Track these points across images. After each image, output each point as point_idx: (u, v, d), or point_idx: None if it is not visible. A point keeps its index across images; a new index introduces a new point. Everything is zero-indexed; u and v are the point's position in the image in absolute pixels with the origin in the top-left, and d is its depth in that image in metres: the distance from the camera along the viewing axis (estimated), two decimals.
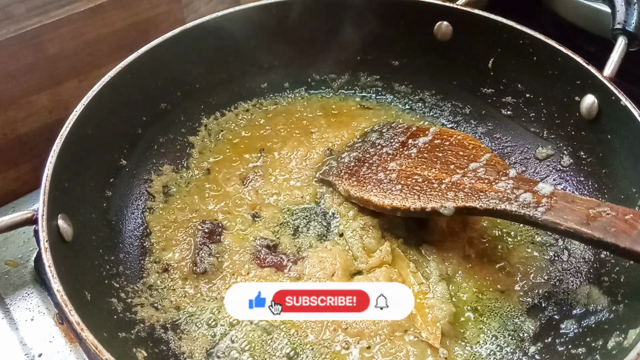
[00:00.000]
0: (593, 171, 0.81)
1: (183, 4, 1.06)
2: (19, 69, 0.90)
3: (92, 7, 0.93)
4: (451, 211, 0.71)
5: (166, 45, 0.86)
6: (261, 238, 0.79)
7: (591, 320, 0.68)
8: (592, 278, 0.73)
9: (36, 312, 0.79)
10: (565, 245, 0.78)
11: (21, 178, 0.97)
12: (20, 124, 0.94)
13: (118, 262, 0.76)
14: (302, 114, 0.98)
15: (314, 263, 0.75)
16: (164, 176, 0.88)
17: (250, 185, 0.87)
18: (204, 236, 0.79)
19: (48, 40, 0.91)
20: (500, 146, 0.92)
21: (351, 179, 0.83)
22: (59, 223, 0.66)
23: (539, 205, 0.65)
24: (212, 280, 0.76)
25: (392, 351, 0.68)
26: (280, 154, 0.91)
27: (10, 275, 0.83)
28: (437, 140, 0.84)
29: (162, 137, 0.91)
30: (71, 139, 0.72)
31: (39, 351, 0.75)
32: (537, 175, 0.87)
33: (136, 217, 0.83)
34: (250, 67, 0.98)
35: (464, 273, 0.76)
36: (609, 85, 0.75)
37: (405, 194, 0.76)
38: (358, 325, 0.69)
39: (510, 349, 0.70)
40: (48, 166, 0.68)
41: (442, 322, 0.70)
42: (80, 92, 0.79)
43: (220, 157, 0.92)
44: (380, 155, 0.85)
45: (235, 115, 0.97)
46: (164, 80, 0.89)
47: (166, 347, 0.70)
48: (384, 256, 0.75)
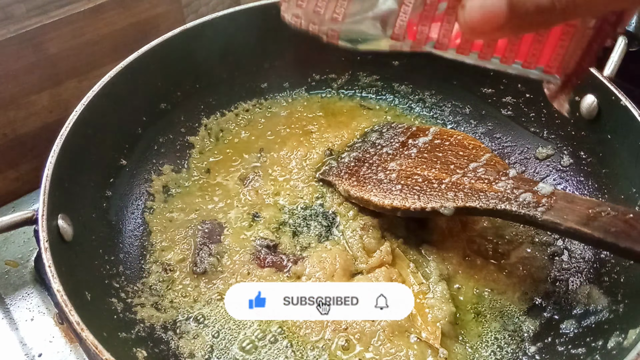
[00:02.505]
0: (593, 171, 0.81)
1: (183, 4, 1.06)
2: (19, 69, 0.90)
3: (92, 7, 0.93)
4: (451, 211, 0.71)
5: (166, 45, 0.86)
6: (261, 238, 0.79)
7: (591, 320, 0.68)
8: (592, 278, 0.73)
9: (36, 312, 0.79)
10: (565, 245, 0.78)
11: (21, 178, 0.97)
12: (20, 124, 0.94)
13: (118, 262, 0.76)
14: (302, 114, 0.98)
15: (314, 263, 0.75)
16: (164, 176, 0.88)
17: (250, 185, 0.87)
18: (204, 236, 0.79)
19: (48, 40, 0.91)
20: (500, 146, 0.92)
21: (351, 179, 0.83)
22: (59, 223, 0.66)
23: (539, 205, 0.65)
24: (212, 280, 0.76)
25: (392, 351, 0.68)
26: (280, 154, 0.91)
27: (10, 275, 0.83)
28: (437, 140, 0.84)
29: (162, 137, 0.91)
30: (71, 139, 0.72)
31: (39, 351, 0.75)
32: (537, 175, 0.87)
33: (136, 217, 0.83)
34: (250, 67, 0.98)
35: (464, 273, 0.76)
36: (609, 85, 0.75)
37: (405, 194, 0.76)
38: (358, 325, 0.69)
39: (510, 349, 0.70)
40: (48, 166, 0.68)
41: (442, 322, 0.70)
42: (80, 92, 0.79)
43: (220, 157, 0.92)
44: (380, 155, 0.85)
45: (235, 115, 0.97)
46: (164, 80, 0.89)
47: (166, 347, 0.70)
48: (384, 256, 0.75)
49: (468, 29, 0.44)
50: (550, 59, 0.49)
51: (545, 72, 0.50)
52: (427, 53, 0.52)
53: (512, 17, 0.41)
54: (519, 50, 0.49)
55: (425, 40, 0.51)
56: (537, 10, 0.40)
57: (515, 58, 0.50)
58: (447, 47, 0.50)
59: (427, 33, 0.50)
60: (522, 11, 0.41)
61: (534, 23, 0.43)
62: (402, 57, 0.98)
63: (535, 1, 0.40)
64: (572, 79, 0.50)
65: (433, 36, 0.50)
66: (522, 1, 0.40)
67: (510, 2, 0.40)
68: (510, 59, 0.50)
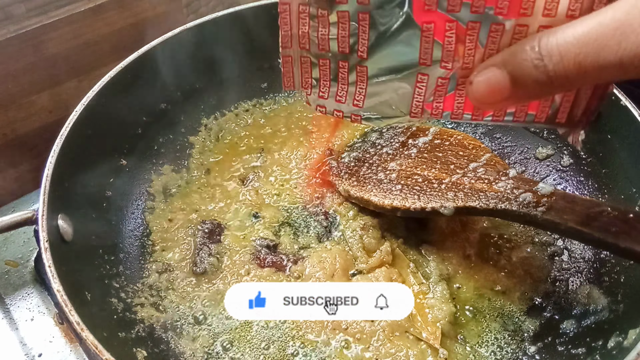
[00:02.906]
0: (593, 171, 0.81)
1: (183, 4, 1.06)
2: (19, 69, 0.90)
3: (92, 7, 0.93)
4: (451, 211, 0.71)
5: (166, 45, 0.86)
6: (261, 238, 0.79)
7: (591, 320, 0.68)
8: (592, 278, 0.73)
9: (36, 312, 0.79)
10: (565, 245, 0.78)
11: (21, 178, 0.97)
12: (20, 124, 0.95)
13: (118, 262, 0.76)
14: (302, 114, 0.98)
15: (314, 263, 0.75)
16: (164, 176, 0.88)
17: (250, 185, 0.87)
18: (204, 236, 0.79)
19: (48, 40, 0.91)
20: (500, 146, 0.92)
21: (351, 179, 0.83)
22: (59, 223, 0.66)
23: (539, 205, 0.65)
24: (212, 280, 0.76)
25: (392, 351, 0.68)
26: (280, 154, 0.91)
27: (10, 275, 0.83)
28: (437, 140, 0.84)
29: (162, 137, 0.91)
30: (71, 139, 0.72)
31: (39, 351, 0.75)
32: (537, 175, 0.87)
33: (136, 217, 0.83)
34: (250, 67, 0.98)
35: (464, 273, 0.76)
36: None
37: (405, 194, 0.76)
38: (358, 325, 0.69)
39: (510, 349, 0.70)
40: (48, 166, 0.68)
41: (442, 322, 0.70)
42: (80, 92, 0.79)
43: (220, 157, 0.92)
44: (380, 155, 0.85)
45: (235, 115, 0.97)
46: (164, 80, 0.89)
47: (166, 347, 0.70)
48: (384, 256, 0.75)
49: (477, 102, 0.50)
50: (559, 112, 0.53)
51: (556, 123, 0.54)
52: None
53: (515, 91, 0.45)
54: (529, 107, 0.54)
55: (442, 113, 0.57)
56: (537, 85, 0.44)
57: (526, 114, 0.54)
58: (461, 117, 0.56)
59: (442, 108, 0.56)
60: (523, 86, 0.45)
61: (535, 95, 0.48)
62: None
63: (534, 78, 0.44)
64: (582, 122, 0.53)
65: (448, 109, 0.56)
66: (523, 78, 0.45)
67: (511, 79, 0.45)
68: (522, 117, 0.55)
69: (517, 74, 0.45)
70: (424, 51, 0.53)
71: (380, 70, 0.57)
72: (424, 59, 0.54)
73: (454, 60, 0.52)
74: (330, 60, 0.59)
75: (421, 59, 0.54)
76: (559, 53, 0.42)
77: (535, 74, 0.44)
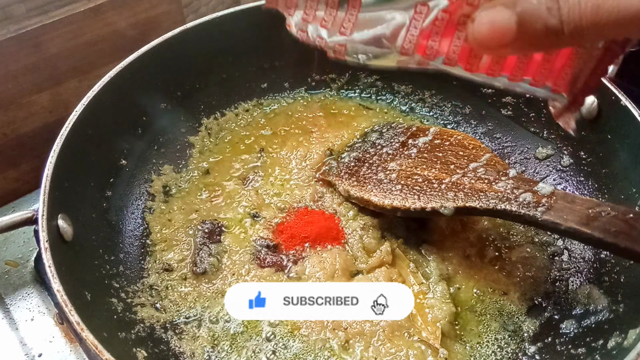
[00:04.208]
0: (593, 171, 0.81)
1: (183, 4, 1.06)
2: (19, 69, 0.90)
3: (92, 7, 0.93)
4: (451, 211, 0.71)
5: (166, 45, 0.86)
6: (261, 238, 0.79)
7: (591, 320, 0.68)
8: (592, 278, 0.73)
9: (36, 312, 0.79)
10: (565, 245, 0.78)
11: (21, 178, 0.97)
12: (20, 124, 0.95)
13: (118, 262, 0.76)
14: (302, 114, 0.98)
15: (314, 263, 0.75)
16: (164, 176, 0.88)
17: (250, 185, 0.87)
18: (204, 236, 0.79)
19: (48, 40, 0.91)
20: (500, 146, 0.92)
21: (351, 179, 0.83)
22: (59, 223, 0.66)
23: (539, 205, 0.65)
24: (212, 280, 0.76)
25: (392, 351, 0.68)
26: (280, 154, 0.91)
27: (10, 275, 0.83)
28: (437, 140, 0.84)
29: (162, 137, 0.91)
30: (71, 139, 0.72)
31: (39, 351, 0.75)
32: (537, 175, 0.87)
33: (136, 217, 0.83)
34: (250, 67, 0.98)
35: (464, 273, 0.76)
36: (609, 85, 0.75)
37: (405, 194, 0.76)
38: (358, 325, 0.69)
39: (510, 349, 0.70)
40: (48, 166, 0.68)
41: (442, 322, 0.70)
42: (80, 92, 0.79)
43: (220, 157, 0.92)
44: (380, 155, 0.85)
45: (235, 115, 0.97)
46: (164, 80, 0.89)
47: (166, 347, 0.70)
48: (384, 256, 0.75)
49: (476, 43, 0.45)
50: (559, 78, 0.49)
51: (553, 91, 0.49)
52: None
53: (520, 36, 0.41)
54: (527, 69, 0.49)
55: (435, 55, 0.50)
56: (546, 31, 0.40)
57: (523, 76, 0.49)
58: (456, 63, 0.50)
59: (437, 48, 0.50)
60: (530, 30, 0.41)
61: (542, 44, 0.43)
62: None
63: (544, 22, 0.40)
64: (579, 98, 0.49)
65: (442, 51, 0.50)
66: (531, 20, 0.40)
67: (519, 21, 0.40)
68: (519, 77, 0.49)
69: (527, 15, 0.40)
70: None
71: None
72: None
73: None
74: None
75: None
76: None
77: (546, 17, 0.39)
